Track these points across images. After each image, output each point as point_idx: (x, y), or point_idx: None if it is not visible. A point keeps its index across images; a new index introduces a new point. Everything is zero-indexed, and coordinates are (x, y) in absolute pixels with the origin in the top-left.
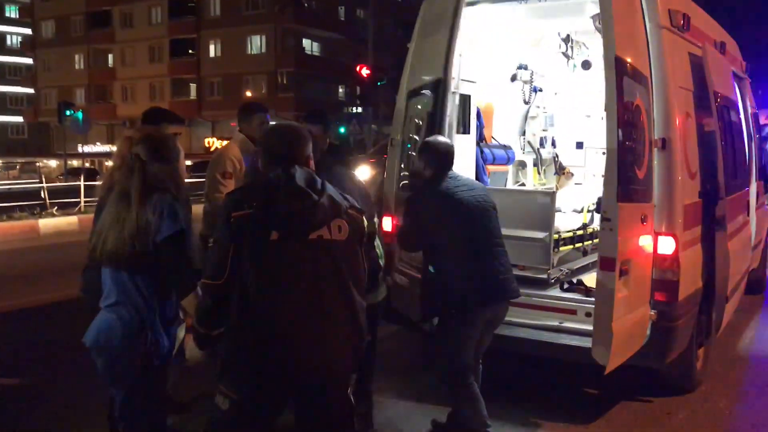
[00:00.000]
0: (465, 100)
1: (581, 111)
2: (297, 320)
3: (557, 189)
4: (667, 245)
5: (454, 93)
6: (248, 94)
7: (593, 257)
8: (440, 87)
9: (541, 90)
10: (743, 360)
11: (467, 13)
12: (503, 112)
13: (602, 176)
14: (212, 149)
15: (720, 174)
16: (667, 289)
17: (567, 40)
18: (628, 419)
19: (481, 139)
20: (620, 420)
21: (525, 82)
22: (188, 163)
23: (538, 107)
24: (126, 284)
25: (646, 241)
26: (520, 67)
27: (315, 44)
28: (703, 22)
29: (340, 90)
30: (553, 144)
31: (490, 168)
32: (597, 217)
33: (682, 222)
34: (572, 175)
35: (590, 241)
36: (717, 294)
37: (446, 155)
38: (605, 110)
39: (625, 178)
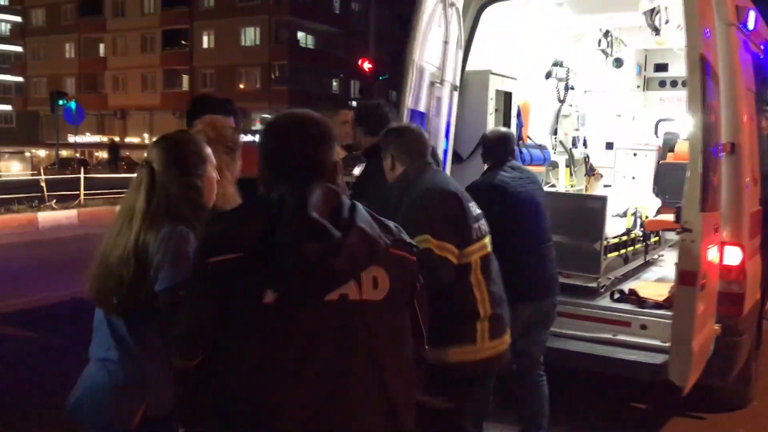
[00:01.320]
0: (506, 97)
1: (612, 110)
2: (305, 426)
3: (587, 190)
4: (733, 256)
5: (435, 84)
6: (241, 86)
7: (634, 264)
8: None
9: (573, 88)
10: None
11: (505, 7)
12: (536, 110)
13: (632, 177)
14: None
15: None
16: (733, 302)
17: (606, 35)
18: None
19: (519, 138)
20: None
21: (560, 80)
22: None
23: (571, 106)
24: (122, 333)
25: (715, 252)
26: (555, 64)
27: (309, 37)
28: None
29: (334, 83)
30: (585, 144)
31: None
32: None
33: (749, 231)
34: (601, 176)
35: (632, 247)
36: None
37: (499, 145)
38: (688, 112)
39: (706, 186)
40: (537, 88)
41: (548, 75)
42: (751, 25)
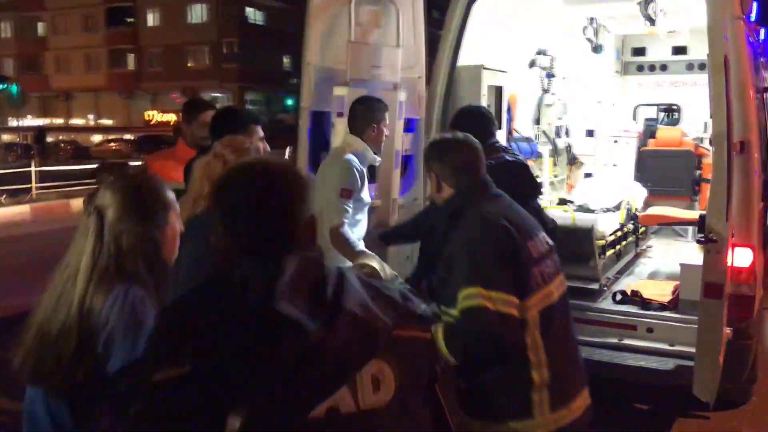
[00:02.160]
0: (498, 92)
1: (592, 97)
2: None
3: (569, 179)
4: (744, 257)
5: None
6: (190, 65)
7: (626, 259)
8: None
9: (554, 76)
10: None
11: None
12: (520, 101)
13: (614, 165)
14: (152, 122)
15: None
16: (744, 306)
17: (592, 22)
18: None
19: (508, 132)
20: None
21: (543, 69)
22: (129, 137)
23: (554, 95)
24: (64, 422)
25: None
26: (539, 53)
27: (259, 13)
28: None
29: (286, 60)
30: (567, 133)
31: None
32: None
33: (758, 231)
34: (583, 164)
35: (625, 242)
36: None
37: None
38: (713, 116)
39: (731, 194)
40: (521, 78)
41: (532, 64)
42: (753, 15)
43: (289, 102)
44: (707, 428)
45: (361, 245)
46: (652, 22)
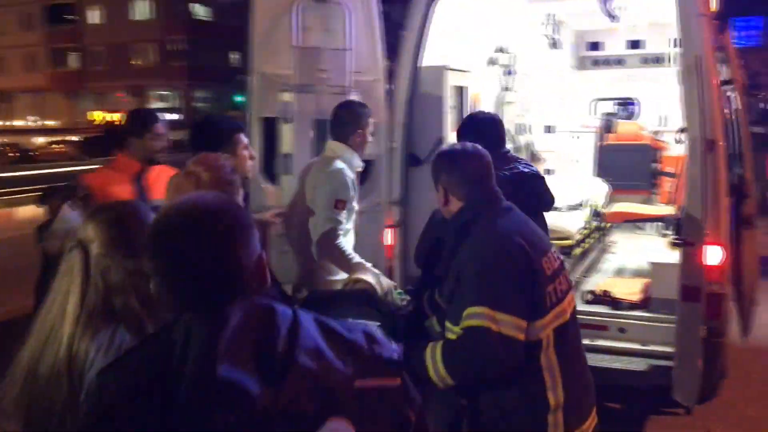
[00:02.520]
0: (461, 92)
1: (550, 93)
2: None
3: None
4: (715, 255)
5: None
6: (136, 63)
7: (591, 257)
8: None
9: (514, 73)
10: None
11: None
12: (482, 100)
13: (576, 161)
14: (99, 123)
15: (748, 169)
16: (716, 303)
17: (551, 19)
18: None
19: None
20: None
21: (503, 66)
22: (74, 139)
23: (514, 92)
24: None
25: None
26: (498, 50)
27: (204, 8)
28: None
29: (235, 57)
30: (528, 130)
31: None
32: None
33: (727, 229)
34: (545, 160)
35: (590, 240)
36: (746, 299)
37: (496, 126)
38: (686, 117)
39: (706, 197)
40: (481, 76)
41: (491, 62)
42: (714, 8)
43: (239, 99)
44: (680, 424)
45: (356, 257)
46: (612, 18)
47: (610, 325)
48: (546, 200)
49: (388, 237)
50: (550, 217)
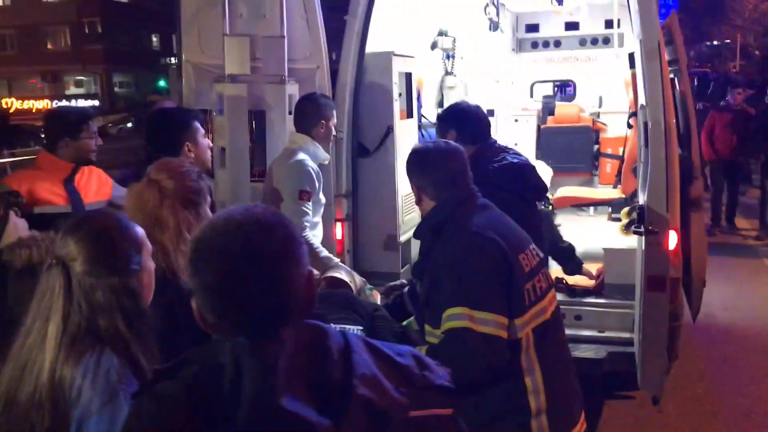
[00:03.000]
0: (407, 79)
1: (490, 76)
2: None
3: None
4: (670, 240)
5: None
6: (49, 47)
7: None
8: None
9: (454, 57)
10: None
11: None
12: (425, 85)
13: (515, 144)
14: (11, 110)
15: (695, 151)
16: (672, 288)
17: (493, 1)
18: (626, 422)
19: (419, 121)
20: (618, 421)
21: (445, 50)
22: None
23: (455, 76)
24: None
25: None
26: (440, 34)
27: None
28: None
29: (154, 39)
30: None
31: None
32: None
33: (679, 213)
34: None
35: None
36: (695, 281)
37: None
38: (648, 105)
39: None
40: (424, 61)
41: (434, 46)
42: None
43: (161, 83)
44: (633, 404)
45: (324, 251)
46: (560, 2)
47: (567, 313)
48: (538, 191)
49: (338, 231)
50: None
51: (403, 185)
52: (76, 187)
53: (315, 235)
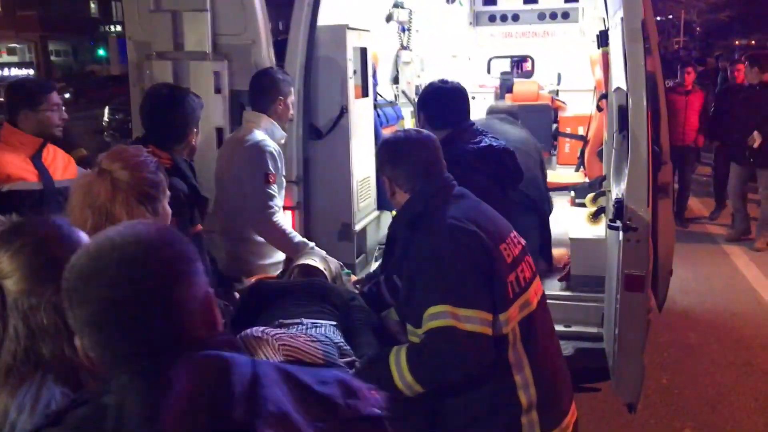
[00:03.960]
0: (363, 54)
1: (447, 51)
2: None
3: None
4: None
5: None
6: None
7: None
8: None
9: (409, 30)
10: None
11: None
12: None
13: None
14: None
15: (664, 135)
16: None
17: None
18: (593, 416)
19: (375, 100)
20: (586, 416)
21: (401, 23)
22: None
23: (411, 51)
24: None
25: None
26: (396, 6)
27: None
28: None
29: (93, 5)
30: None
31: (385, 132)
32: None
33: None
34: None
35: None
36: (662, 270)
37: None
38: (630, 90)
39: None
40: (378, 35)
41: (389, 18)
42: None
43: (100, 52)
44: (599, 398)
45: (297, 236)
46: None
47: None
48: (518, 175)
49: (288, 220)
50: None
51: (359, 170)
52: (44, 164)
53: (286, 220)
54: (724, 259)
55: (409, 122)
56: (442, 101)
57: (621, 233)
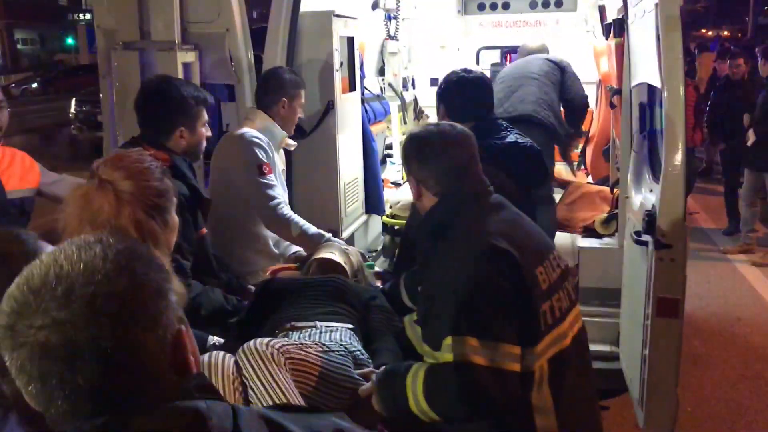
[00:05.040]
0: (350, 44)
1: (435, 42)
2: None
3: None
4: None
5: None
6: None
7: None
8: None
9: (396, 18)
10: None
11: None
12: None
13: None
14: None
15: None
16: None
17: None
18: None
19: (363, 94)
20: None
21: (388, 11)
22: None
23: (398, 41)
24: None
25: None
26: None
27: None
28: None
29: None
30: (413, 84)
31: (373, 129)
32: None
33: None
34: (428, 117)
35: None
36: None
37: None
38: (666, 84)
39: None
40: (366, 23)
41: (375, 5)
42: None
43: (69, 41)
44: (609, 420)
45: (312, 227)
46: None
47: None
48: (543, 175)
49: None
50: None
51: (346, 171)
52: None
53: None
54: (721, 259)
55: (396, 117)
56: (465, 92)
57: (651, 249)
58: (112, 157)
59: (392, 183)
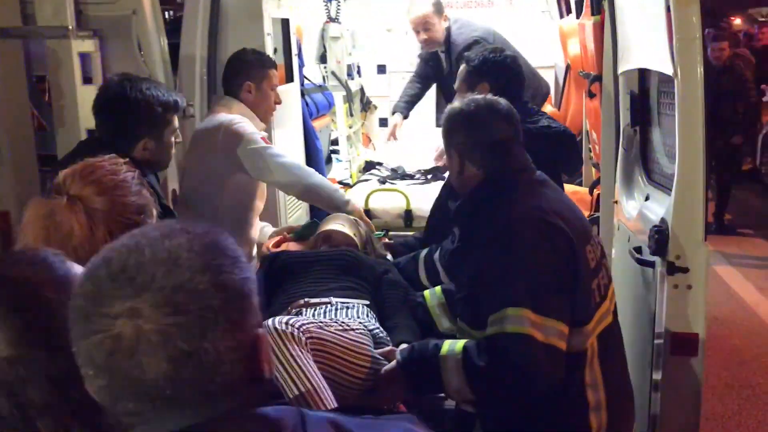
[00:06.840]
0: (284, 27)
1: (381, 25)
2: None
3: (363, 128)
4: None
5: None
6: None
7: None
8: None
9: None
10: None
11: None
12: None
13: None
14: None
15: None
16: None
17: None
18: None
19: (301, 84)
20: None
21: None
22: None
23: (341, 24)
24: None
25: None
26: None
27: None
28: None
29: None
30: (359, 72)
31: (316, 124)
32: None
33: None
34: (376, 108)
35: None
36: None
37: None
38: (679, 81)
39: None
40: (303, 4)
41: None
42: None
43: None
44: None
45: (338, 189)
46: None
47: None
48: (576, 161)
49: None
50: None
51: None
52: None
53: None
54: None
55: (341, 109)
56: (501, 71)
57: (661, 273)
58: (81, 168)
59: (340, 183)
